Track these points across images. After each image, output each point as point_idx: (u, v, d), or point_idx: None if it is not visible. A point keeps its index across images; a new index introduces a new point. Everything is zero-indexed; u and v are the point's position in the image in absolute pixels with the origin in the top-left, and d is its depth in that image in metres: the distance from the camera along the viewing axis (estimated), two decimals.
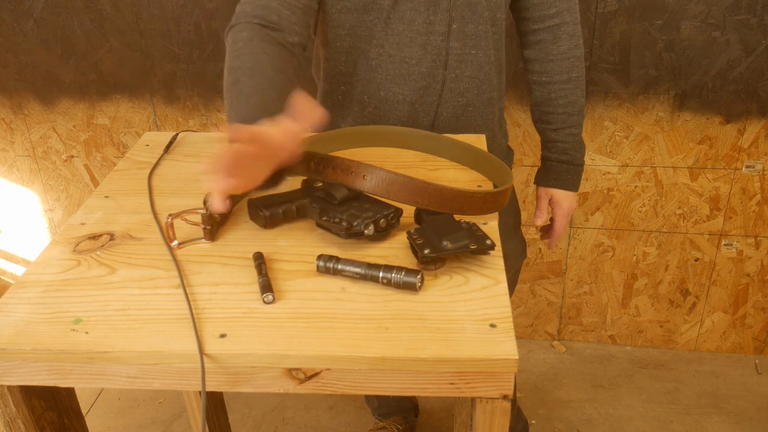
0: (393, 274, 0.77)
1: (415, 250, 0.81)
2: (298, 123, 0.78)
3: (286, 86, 0.93)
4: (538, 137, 1.57)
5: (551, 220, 1.40)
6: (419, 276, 0.77)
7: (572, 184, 1.34)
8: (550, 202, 1.37)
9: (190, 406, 1.41)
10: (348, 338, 0.71)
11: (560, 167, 1.32)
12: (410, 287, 0.77)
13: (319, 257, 0.81)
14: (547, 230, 1.42)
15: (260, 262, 0.82)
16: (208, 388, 0.73)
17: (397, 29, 1.13)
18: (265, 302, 0.76)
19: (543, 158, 1.35)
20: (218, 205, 0.74)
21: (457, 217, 0.90)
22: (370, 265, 0.79)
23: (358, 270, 0.79)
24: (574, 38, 1.24)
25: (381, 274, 0.78)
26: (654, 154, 1.87)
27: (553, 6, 1.20)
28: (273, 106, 0.88)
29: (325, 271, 0.81)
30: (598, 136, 1.87)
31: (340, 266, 0.80)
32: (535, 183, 1.38)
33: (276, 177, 0.84)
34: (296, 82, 0.98)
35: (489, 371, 0.69)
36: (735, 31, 1.69)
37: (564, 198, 1.35)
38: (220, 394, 1.48)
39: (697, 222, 1.95)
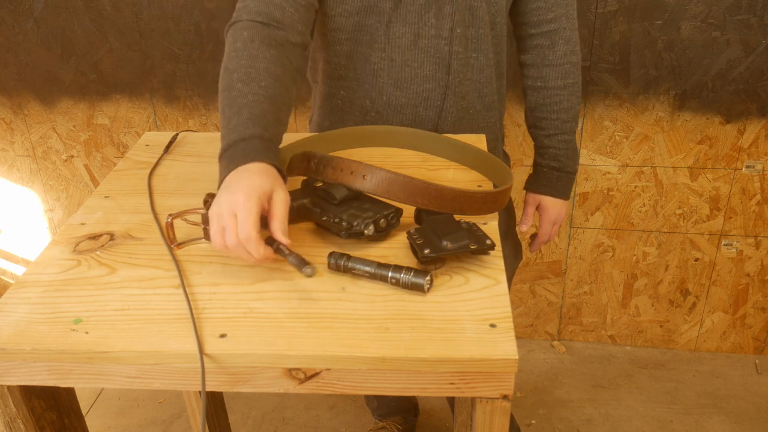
0: (402, 275, 0.77)
1: (415, 250, 0.81)
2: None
3: (282, 95, 0.93)
4: None
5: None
6: (428, 278, 0.77)
7: (562, 192, 1.33)
8: (538, 208, 1.36)
9: (190, 406, 1.41)
10: (348, 338, 0.71)
11: (551, 174, 1.32)
12: (418, 288, 0.77)
13: (331, 254, 0.81)
14: (534, 237, 1.42)
15: (278, 244, 0.80)
16: (208, 388, 0.73)
17: (398, 32, 1.12)
18: (308, 275, 0.76)
19: (534, 164, 1.34)
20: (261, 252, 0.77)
21: (457, 217, 0.90)
22: (380, 265, 0.79)
23: (368, 269, 0.79)
24: (571, 44, 1.23)
25: (390, 274, 0.78)
26: (654, 154, 1.87)
27: (551, 11, 1.20)
28: (265, 120, 0.87)
29: (335, 268, 0.81)
30: (598, 136, 1.87)
31: (350, 264, 0.80)
32: (524, 188, 1.37)
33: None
34: (293, 89, 0.98)
35: (489, 371, 0.69)
36: (735, 31, 1.69)
37: (552, 205, 1.34)
38: (220, 394, 1.48)
39: (697, 222, 1.95)
